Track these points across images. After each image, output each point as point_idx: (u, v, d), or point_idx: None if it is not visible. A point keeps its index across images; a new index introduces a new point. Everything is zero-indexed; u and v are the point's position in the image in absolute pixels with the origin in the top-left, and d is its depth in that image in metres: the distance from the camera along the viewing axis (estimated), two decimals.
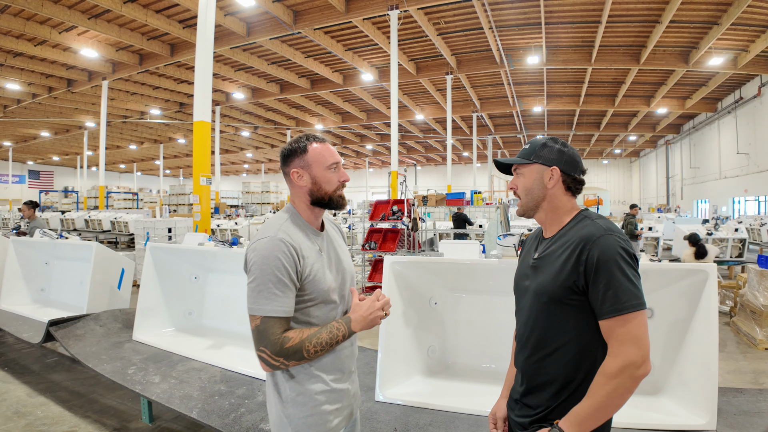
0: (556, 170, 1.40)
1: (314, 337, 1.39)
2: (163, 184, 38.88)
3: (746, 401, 2.69)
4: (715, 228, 10.32)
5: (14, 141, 31.55)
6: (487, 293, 3.29)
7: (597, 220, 1.34)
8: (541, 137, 1.47)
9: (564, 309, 1.31)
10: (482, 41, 15.18)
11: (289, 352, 1.35)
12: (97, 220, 15.59)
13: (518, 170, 1.47)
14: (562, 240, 1.36)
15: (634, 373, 1.18)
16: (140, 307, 4.22)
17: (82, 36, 14.30)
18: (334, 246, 1.62)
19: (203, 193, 7.44)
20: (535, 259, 1.43)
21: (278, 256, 1.36)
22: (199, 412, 2.72)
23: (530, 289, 1.41)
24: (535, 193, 1.43)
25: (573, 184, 1.43)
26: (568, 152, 1.42)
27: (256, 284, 1.36)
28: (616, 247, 1.24)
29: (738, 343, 5.67)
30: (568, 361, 1.31)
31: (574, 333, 1.30)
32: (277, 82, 19.94)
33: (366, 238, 7.84)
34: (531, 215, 1.47)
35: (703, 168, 24.18)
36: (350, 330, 1.46)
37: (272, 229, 1.43)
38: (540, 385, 1.36)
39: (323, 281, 1.47)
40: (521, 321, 1.46)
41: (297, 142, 1.53)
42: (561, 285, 1.29)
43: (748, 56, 14.71)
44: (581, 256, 1.26)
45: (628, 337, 1.20)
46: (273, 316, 1.34)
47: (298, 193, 1.54)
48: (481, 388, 2.96)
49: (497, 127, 28.71)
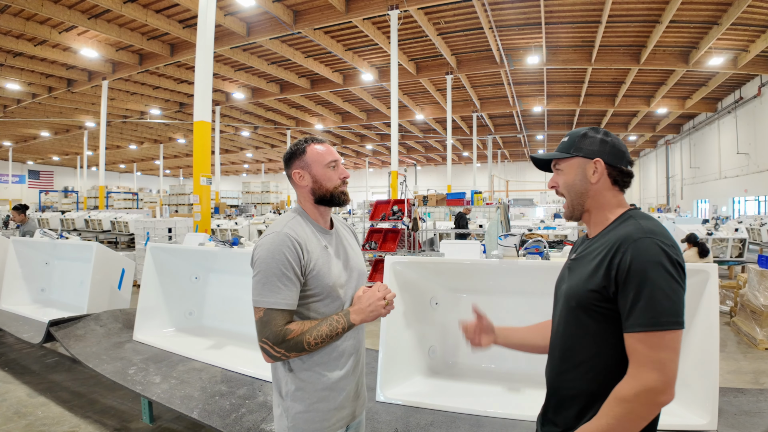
0: (600, 162, 1.25)
1: (314, 329, 1.42)
2: (163, 184, 38.85)
3: (747, 401, 2.69)
4: (715, 228, 10.32)
5: (14, 141, 31.55)
6: (487, 293, 3.29)
7: (641, 220, 1.18)
8: (582, 128, 1.31)
9: (593, 317, 1.17)
10: (482, 41, 15.18)
11: (290, 343, 1.39)
12: (97, 220, 15.58)
13: (558, 166, 1.32)
14: (601, 240, 1.22)
15: (653, 400, 1.04)
16: (141, 307, 4.22)
17: (82, 36, 14.30)
18: (344, 245, 1.66)
19: (203, 193, 7.44)
20: (572, 260, 1.31)
21: (283, 251, 1.40)
22: (200, 413, 2.72)
23: (562, 292, 1.29)
24: (578, 190, 1.28)
25: (620, 177, 1.26)
26: (612, 141, 1.27)
27: (260, 277, 1.40)
28: (656, 252, 1.08)
29: (738, 343, 5.66)
30: (595, 377, 1.17)
31: (603, 346, 1.16)
32: (277, 82, 19.94)
33: (366, 238, 7.84)
34: (579, 217, 1.31)
35: (703, 168, 24.18)
36: (349, 322, 1.48)
37: (279, 225, 1.48)
38: (565, 401, 1.24)
39: (327, 276, 1.49)
40: (552, 329, 1.35)
41: (296, 145, 1.59)
42: (590, 289, 1.16)
43: (748, 56, 14.71)
44: (614, 259, 1.12)
45: (651, 359, 1.05)
46: (276, 308, 1.39)
47: (302, 193, 1.59)
48: (482, 389, 2.95)
49: (497, 127, 28.71)
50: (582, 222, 1.34)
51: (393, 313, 2.98)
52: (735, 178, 20.31)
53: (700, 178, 24.58)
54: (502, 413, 2.58)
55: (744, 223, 11.87)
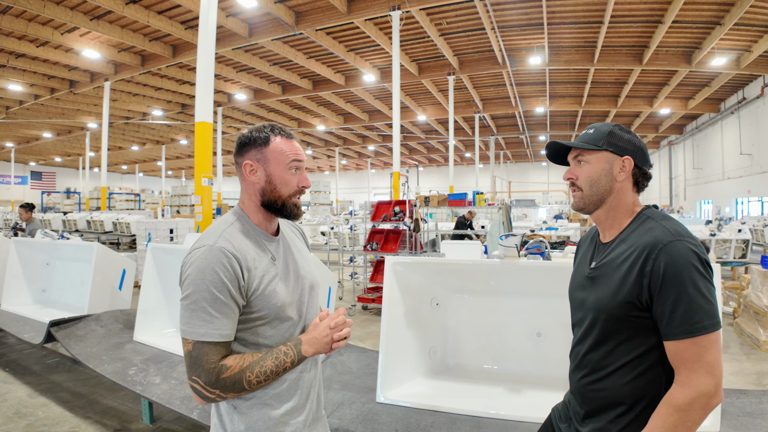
0: (630, 161, 1.23)
1: (257, 365, 1.19)
2: (165, 185, 38.91)
3: (750, 403, 2.67)
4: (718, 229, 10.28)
5: (16, 142, 31.65)
6: (489, 294, 3.28)
7: (662, 221, 1.17)
8: (608, 123, 1.29)
9: (626, 327, 1.16)
10: (484, 42, 15.16)
11: (226, 383, 1.15)
12: (98, 221, 15.60)
13: (582, 157, 1.28)
14: (623, 246, 1.19)
15: (707, 404, 1.04)
16: (141, 307, 4.21)
17: (84, 37, 14.33)
18: (292, 252, 1.41)
19: (205, 194, 7.44)
20: (593, 269, 1.27)
21: (215, 269, 1.16)
22: (200, 413, 2.71)
23: (587, 303, 1.26)
24: (602, 186, 1.25)
25: (642, 179, 1.27)
26: (639, 143, 1.25)
27: (188, 302, 1.16)
28: (688, 255, 1.07)
29: (741, 345, 5.64)
30: (629, 383, 1.16)
31: (637, 353, 1.15)
32: (279, 83, 19.95)
33: (368, 239, 7.83)
34: (591, 211, 1.29)
35: (706, 169, 24.10)
36: (300, 355, 1.25)
37: (212, 236, 1.23)
38: (598, 409, 1.22)
39: (276, 296, 1.26)
40: (577, 336, 1.32)
41: (258, 131, 1.31)
42: (622, 302, 1.14)
43: (751, 56, 14.66)
44: (645, 266, 1.10)
45: (701, 363, 1.05)
46: (207, 341, 1.15)
47: (248, 189, 1.34)
48: (483, 390, 2.94)
49: (499, 128, 28.68)
50: (592, 219, 1.32)
51: (394, 314, 2.98)
52: (738, 179, 20.24)
53: (703, 179, 24.51)
54: (504, 415, 2.56)
55: (747, 224, 11.83)
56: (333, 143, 33.58)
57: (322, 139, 32.58)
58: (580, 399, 1.29)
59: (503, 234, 3.08)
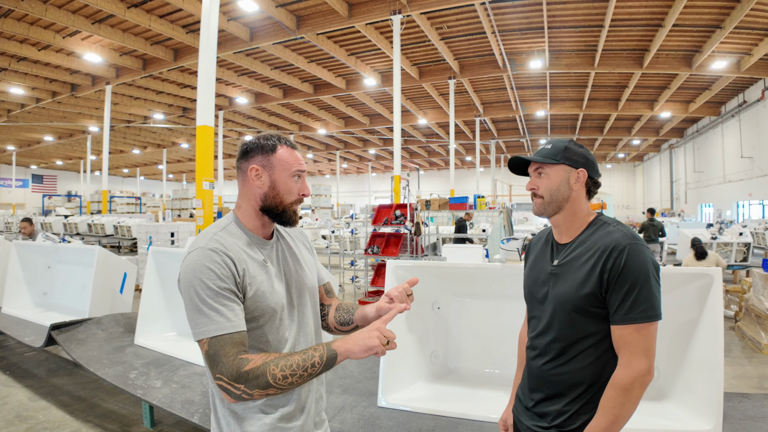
0: (584, 172, 1.40)
1: (282, 358, 1.16)
2: (167, 188, 38.95)
3: (752, 406, 2.67)
4: (719, 232, 10.28)
5: (18, 145, 31.71)
6: (490, 298, 3.27)
7: (618, 226, 1.34)
8: (563, 139, 1.46)
9: (587, 316, 1.31)
10: (485, 46, 15.19)
11: (249, 376, 1.12)
12: (100, 224, 15.62)
13: (542, 170, 1.43)
14: (583, 246, 1.35)
15: (643, 381, 1.22)
16: (142, 311, 4.22)
17: (85, 41, 14.38)
18: (287, 256, 1.42)
19: (206, 198, 7.45)
20: (556, 266, 1.41)
21: (209, 266, 1.17)
22: (201, 417, 2.71)
23: (550, 296, 1.40)
24: (561, 194, 1.40)
25: (593, 187, 1.44)
26: (591, 156, 1.43)
27: (192, 304, 1.16)
28: (645, 255, 1.25)
29: (743, 348, 5.63)
30: (587, 366, 1.32)
31: (596, 339, 1.31)
32: (280, 86, 20.00)
33: (369, 243, 7.83)
34: (550, 215, 1.44)
35: (707, 172, 24.09)
36: (330, 350, 1.17)
37: (204, 239, 1.25)
38: (559, 392, 1.37)
39: (268, 297, 1.27)
40: (537, 328, 1.44)
41: (266, 140, 1.36)
42: (585, 293, 1.29)
43: (752, 60, 14.67)
44: (607, 263, 1.26)
45: (640, 348, 1.23)
46: (220, 335, 1.14)
47: (249, 194, 1.35)
48: (485, 394, 2.93)
49: (500, 132, 28.70)
50: (551, 222, 1.48)
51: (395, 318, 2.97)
52: (739, 182, 20.23)
53: (704, 182, 24.49)
54: None
55: (748, 227, 11.81)
56: (334, 147, 33.61)
57: (323, 143, 32.61)
58: (541, 384, 1.41)
59: (504, 238, 3.07)
